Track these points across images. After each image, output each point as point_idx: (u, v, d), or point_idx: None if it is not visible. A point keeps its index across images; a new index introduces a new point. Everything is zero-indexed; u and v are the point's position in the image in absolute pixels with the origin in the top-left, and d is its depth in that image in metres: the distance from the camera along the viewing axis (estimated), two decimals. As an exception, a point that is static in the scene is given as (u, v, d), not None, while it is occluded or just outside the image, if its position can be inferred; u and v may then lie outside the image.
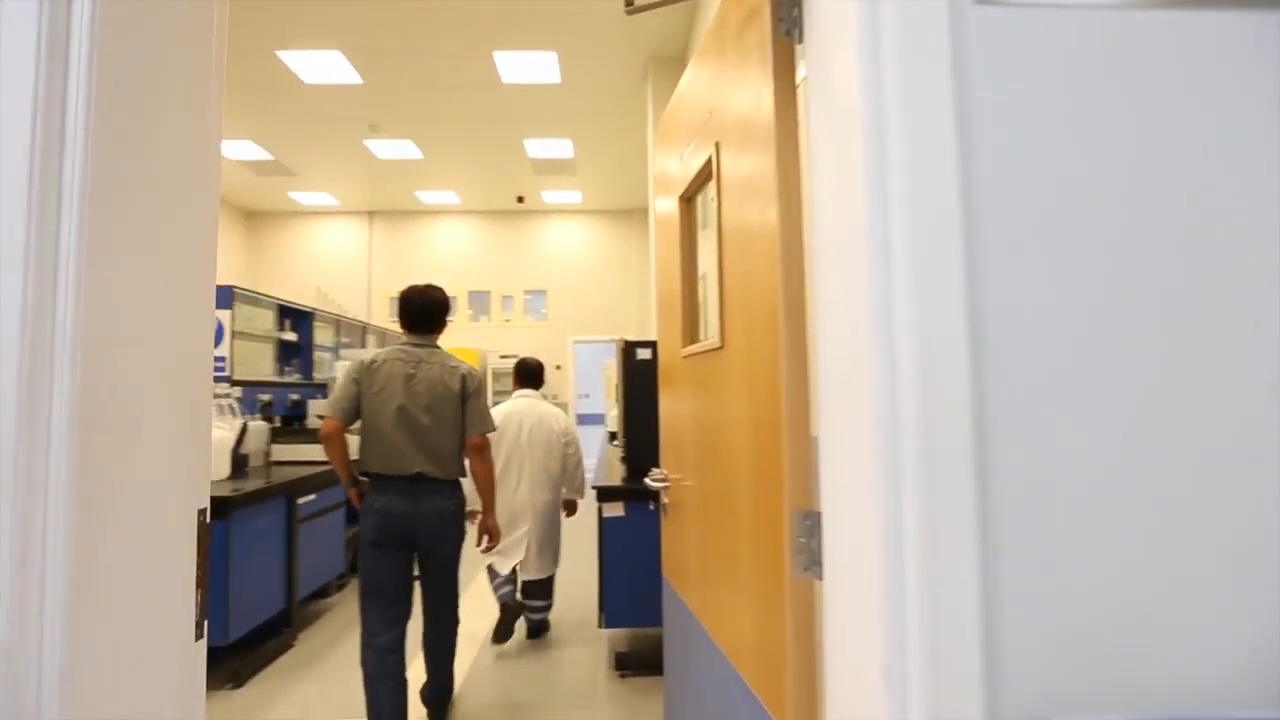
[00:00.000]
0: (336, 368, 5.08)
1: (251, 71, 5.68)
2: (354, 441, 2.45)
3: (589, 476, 3.53)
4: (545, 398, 3.83)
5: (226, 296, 4.09)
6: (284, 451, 4.17)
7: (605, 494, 2.97)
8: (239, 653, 3.10)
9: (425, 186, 9.12)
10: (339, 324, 5.91)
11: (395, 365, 2.38)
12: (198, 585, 0.81)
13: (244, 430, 3.83)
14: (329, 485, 3.89)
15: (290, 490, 3.46)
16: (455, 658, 2.62)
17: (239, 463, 3.74)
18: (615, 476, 3.26)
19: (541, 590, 3.39)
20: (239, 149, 7.54)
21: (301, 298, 5.78)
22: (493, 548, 2.76)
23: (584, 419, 11.84)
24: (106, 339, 0.67)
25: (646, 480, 1.79)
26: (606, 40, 5.18)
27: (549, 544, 3.35)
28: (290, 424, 4.76)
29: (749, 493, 1.12)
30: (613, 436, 5.37)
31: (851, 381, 0.69)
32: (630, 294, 10.29)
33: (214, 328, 0.90)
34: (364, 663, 2.34)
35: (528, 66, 5.63)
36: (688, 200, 1.67)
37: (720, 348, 1.30)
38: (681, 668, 1.74)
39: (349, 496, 2.47)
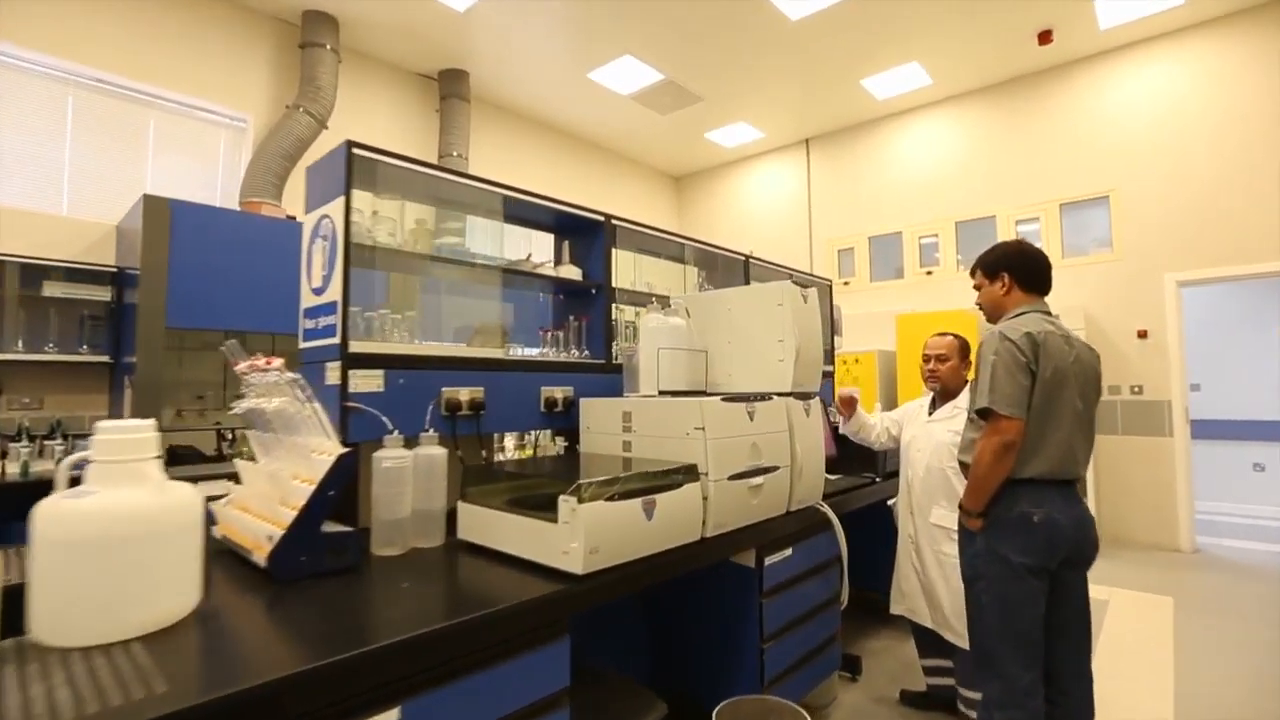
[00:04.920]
0: (645, 330, 2.49)
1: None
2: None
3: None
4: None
5: (339, 164, 1.86)
6: (482, 522, 1.77)
7: None
8: None
9: (873, 66, 5.93)
10: (702, 256, 3.21)
11: (1056, 340, 1.86)
12: None
13: (336, 467, 1.58)
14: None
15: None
16: None
17: (313, 548, 1.51)
18: None
19: None
20: (621, 74, 5.86)
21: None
22: None
23: (1206, 428, 6.48)
24: None
25: None
26: None
27: None
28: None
29: None
30: None
31: None
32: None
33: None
34: None
35: None
36: None
37: None
38: None
39: (971, 525, 1.90)
